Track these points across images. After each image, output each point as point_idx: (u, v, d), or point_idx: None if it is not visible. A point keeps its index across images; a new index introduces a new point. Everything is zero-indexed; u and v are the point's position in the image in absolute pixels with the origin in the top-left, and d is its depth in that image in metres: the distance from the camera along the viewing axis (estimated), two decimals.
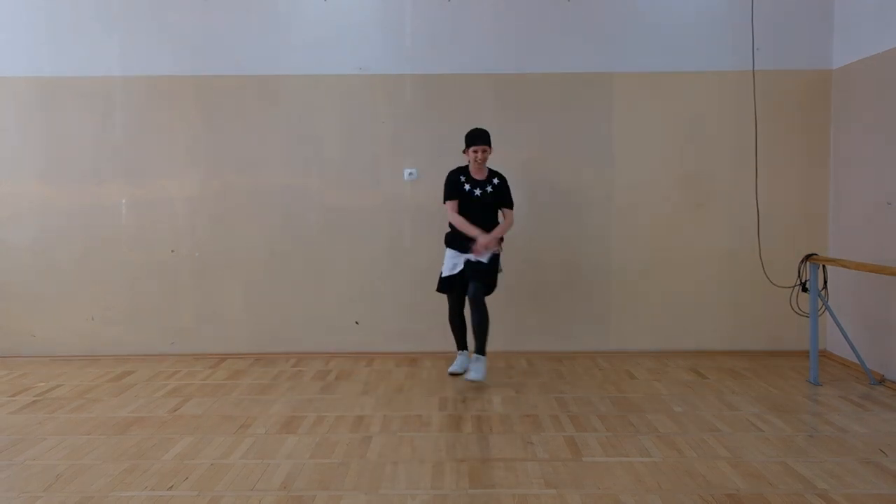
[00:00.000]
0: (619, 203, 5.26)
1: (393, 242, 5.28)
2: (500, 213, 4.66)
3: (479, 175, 4.59)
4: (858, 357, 4.53)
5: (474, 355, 4.42)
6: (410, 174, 5.25)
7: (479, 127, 4.59)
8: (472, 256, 4.48)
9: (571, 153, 5.24)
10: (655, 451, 3.33)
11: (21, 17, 5.21)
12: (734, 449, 3.35)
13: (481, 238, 4.42)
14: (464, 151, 4.59)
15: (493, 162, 5.17)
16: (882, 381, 4.50)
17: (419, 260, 5.16)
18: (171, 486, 2.98)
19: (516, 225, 5.24)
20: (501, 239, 4.63)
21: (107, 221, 5.28)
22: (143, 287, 5.30)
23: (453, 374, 4.68)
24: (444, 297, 4.69)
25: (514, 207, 4.66)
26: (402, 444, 3.45)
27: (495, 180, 4.61)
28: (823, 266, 4.64)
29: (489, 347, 4.56)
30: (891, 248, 4.48)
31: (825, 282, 4.67)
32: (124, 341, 5.31)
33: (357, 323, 5.32)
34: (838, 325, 4.52)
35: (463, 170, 4.62)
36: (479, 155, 4.50)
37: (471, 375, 4.33)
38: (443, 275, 4.60)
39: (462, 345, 4.75)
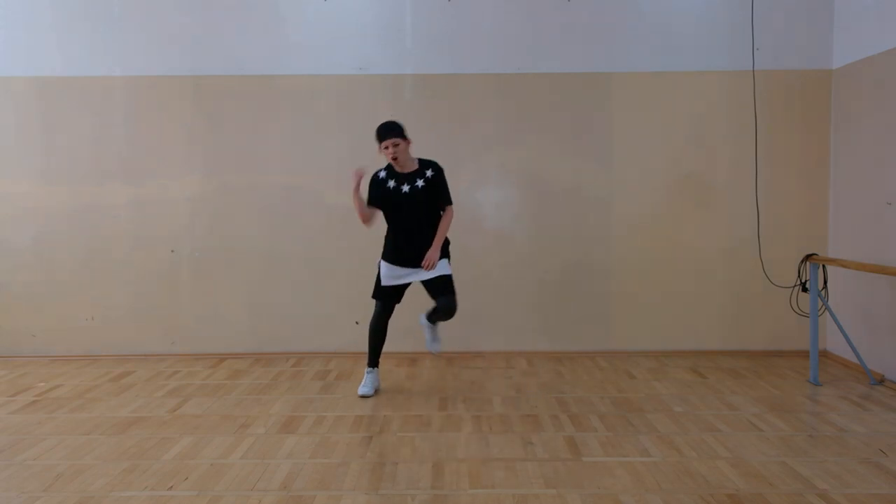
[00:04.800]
0: (619, 203, 5.26)
1: None
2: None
3: (405, 168, 4.07)
4: (858, 357, 4.53)
5: (428, 323, 4.24)
6: None
7: (388, 120, 4.08)
8: (423, 274, 4.06)
9: (571, 153, 5.24)
10: (655, 451, 3.33)
11: (21, 17, 5.21)
12: (734, 449, 3.35)
13: (428, 253, 4.00)
14: (378, 151, 4.10)
15: (496, 162, 5.18)
16: (882, 381, 4.50)
17: None
18: (171, 486, 2.98)
19: (516, 225, 5.26)
20: (447, 240, 4.18)
21: (107, 221, 5.28)
22: (143, 287, 5.30)
23: (364, 397, 4.18)
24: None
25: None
26: (402, 444, 3.45)
27: (428, 172, 4.06)
28: (823, 266, 4.64)
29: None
30: (891, 248, 4.48)
31: (825, 282, 4.67)
32: (124, 341, 5.31)
33: (357, 323, 5.32)
34: (838, 325, 4.52)
35: (387, 165, 4.15)
36: (390, 150, 3.96)
37: (436, 347, 4.25)
38: (382, 283, 4.15)
39: (375, 362, 4.29)
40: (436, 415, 3.91)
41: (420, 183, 4.04)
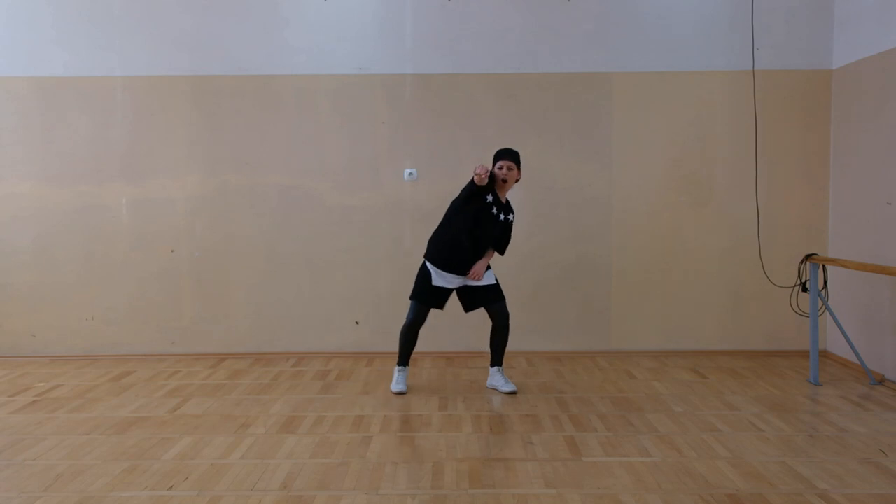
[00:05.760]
0: (619, 203, 5.26)
1: (393, 242, 5.28)
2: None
3: (502, 197, 4.24)
4: (858, 357, 4.53)
5: (498, 367, 4.37)
6: (410, 174, 5.25)
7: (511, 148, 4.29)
8: (472, 281, 4.21)
9: (571, 153, 5.24)
10: (655, 451, 3.33)
11: (21, 17, 5.21)
12: (734, 449, 3.35)
13: (476, 265, 4.18)
14: (493, 167, 4.23)
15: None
16: (882, 381, 4.50)
17: (419, 260, 5.15)
18: (171, 486, 2.98)
19: (516, 225, 5.24)
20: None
21: (107, 221, 5.28)
22: (143, 287, 5.30)
23: (400, 394, 4.29)
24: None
25: (514, 212, 4.40)
26: (402, 444, 3.45)
27: (510, 216, 4.29)
28: (823, 266, 4.64)
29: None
30: (891, 248, 4.48)
31: (825, 282, 4.67)
32: (124, 341, 5.31)
33: (357, 323, 5.32)
34: (838, 325, 4.52)
35: (492, 189, 4.18)
36: (504, 171, 4.13)
37: (510, 388, 4.27)
38: (433, 283, 4.20)
39: (406, 361, 4.39)
40: (436, 415, 3.91)
41: (511, 217, 4.30)
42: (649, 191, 5.24)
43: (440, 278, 4.22)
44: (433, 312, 4.36)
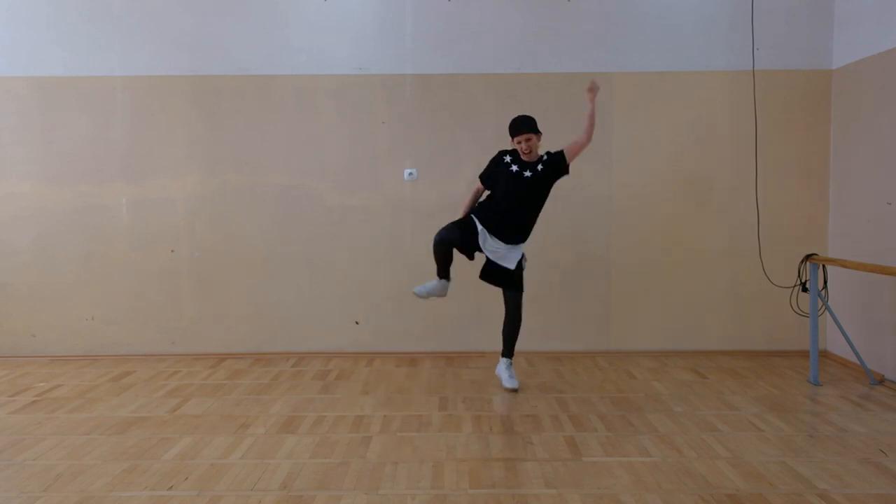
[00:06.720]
0: (619, 203, 5.26)
1: (393, 242, 5.28)
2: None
3: (531, 159, 4.21)
4: (858, 357, 4.53)
5: (507, 359, 4.38)
6: (410, 174, 5.25)
7: (522, 115, 4.24)
8: (499, 261, 4.21)
9: None
10: (655, 451, 3.33)
11: (21, 17, 5.21)
12: (734, 449, 3.35)
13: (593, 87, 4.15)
14: (511, 143, 4.27)
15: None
16: (882, 381, 4.50)
17: (419, 260, 5.16)
18: (171, 486, 2.98)
19: None
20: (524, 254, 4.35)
21: (107, 221, 5.28)
22: (143, 287, 5.30)
23: (419, 295, 4.32)
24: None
25: (547, 156, 4.33)
26: (402, 444, 3.45)
27: (545, 156, 4.22)
28: (823, 266, 4.64)
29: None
30: (891, 248, 4.48)
31: (825, 282, 4.67)
32: (124, 341, 5.31)
33: (357, 323, 5.32)
34: (838, 325, 4.52)
35: (513, 151, 4.25)
36: (523, 145, 4.14)
37: (511, 384, 4.29)
38: (474, 221, 4.20)
39: (445, 273, 4.28)
40: (436, 415, 3.91)
41: (541, 166, 4.20)
42: (649, 191, 5.24)
43: (481, 230, 4.17)
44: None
